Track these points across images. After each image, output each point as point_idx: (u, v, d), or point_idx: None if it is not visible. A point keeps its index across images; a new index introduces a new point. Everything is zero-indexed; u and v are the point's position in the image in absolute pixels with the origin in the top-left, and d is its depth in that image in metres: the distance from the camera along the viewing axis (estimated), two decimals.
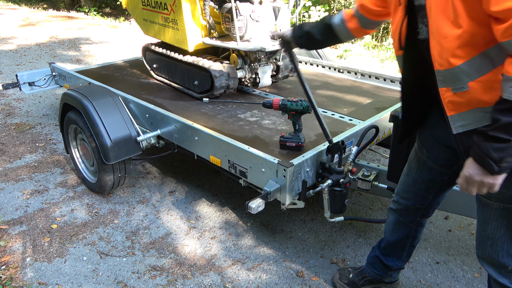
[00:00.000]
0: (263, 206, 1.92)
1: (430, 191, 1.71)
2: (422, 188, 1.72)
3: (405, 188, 1.79)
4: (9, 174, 3.30)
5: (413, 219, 1.84)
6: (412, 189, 1.76)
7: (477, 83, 1.18)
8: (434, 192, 1.71)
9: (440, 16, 1.18)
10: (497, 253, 1.42)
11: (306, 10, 8.08)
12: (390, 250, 1.98)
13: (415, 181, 1.73)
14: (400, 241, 1.92)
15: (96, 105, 2.64)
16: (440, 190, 1.72)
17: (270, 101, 2.20)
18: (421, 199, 1.76)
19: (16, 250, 2.45)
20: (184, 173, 3.33)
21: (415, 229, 1.87)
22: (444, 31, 1.18)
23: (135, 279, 2.23)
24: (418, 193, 1.74)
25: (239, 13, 2.74)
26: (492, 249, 1.43)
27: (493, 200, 1.37)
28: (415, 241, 1.92)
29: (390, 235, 1.95)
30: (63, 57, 7.17)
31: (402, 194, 1.81)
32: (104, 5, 14.27)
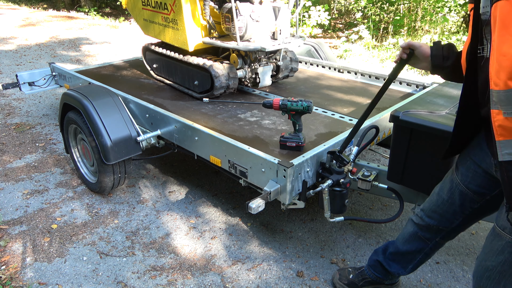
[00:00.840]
0: (263, 206, 1.92)
1: (457, 216, 1.61)
2: (450, 211, 1.61)
3: (432, 207, 1.69)
4: (9, 174, 3.30)
5: (432, 238, 1.75)
6: (439, 210, 1.66)
7: None
8: (462, 218, 1.60)
9: (503, 31, 1.09)
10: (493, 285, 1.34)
11: (306, 10, 8.08)
12: (397, 257, 1.91)
13: (444, 203, 1.63)
14: (411, 253, 1.84)
15: (96, 105, 2.64)
16: (468, 218, 1.60)
17: (270, 101, 2.20)
18: (446, 222, 1.66)
19: (16, 250, 2.45)
20: (184, 173, 3.33)
21: (431, 247, 1.78)
22: (504, 48, 1.09)
23: (135, 279, 2.23)
24: (444, 215, 1.64)
25: (239, 13, 2.74)
26: (489, 281, 1.36)
27: (507, 233, 1.27)
28: (426, 258, 1.84)
29: (402, 244, 1.87)
30: (63, 57, 7.17)
31: (428, 212, 1.71)
32: (104, 5, 14.28)
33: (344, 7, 10.91)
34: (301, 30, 7.97)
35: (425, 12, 7.70)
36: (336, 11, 10.58)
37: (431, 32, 7.46)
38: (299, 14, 6.31)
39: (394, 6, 8.69)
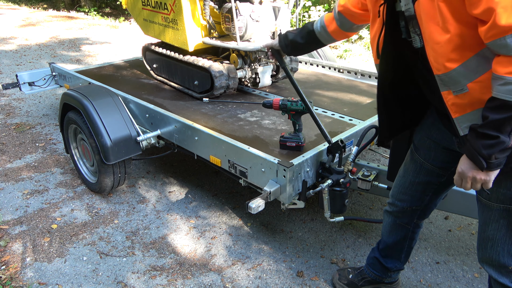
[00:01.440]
0: (263, 206, 1.92)
1: (427, 192, 1.70)
2: (419, 190, 1.71)
3: (401, 190, 1.77)
4: (9, 174, 3.30)
5: (410, 221, 1.83)
6: (408, 191, 1.74)
7: (476, 83, 1.19)
8: (431, 193, 1.71)
9: (430, 23, 1.20)
10: (498, 253, 1.42)
11: (306, 10, 8.08)
12: (388, 252, 1.97)
13: (412, 183, 1.71)
14: (398, 243, 1.92)
15: (96, 105, 2.64)
16: (437, 192, 1.71)
17: (270, 101, 2.20)
18: (418, 201, 1.75)
19: (16, 250, 2.45)
20: (184, 173, 3.33)
21: (412, 230, 1.86)
22: (435, 37, 1.20)
23: (135, 279, 2.23)
24: (414, 195, 1.73)
25: (239, 13, 2.74)
26: (493, 250, 1.44)
27: (493, 202, 1.37)
28: (412, 242, 1.92)
29: (387, 237, 1.94)
30: (63, 57, 7.17)
31: (398, 196, 1.79)
32: (104, 5, 14.28)
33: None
34: None
35: None
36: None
37: None
38: (299, 14, 6.31)
39: None
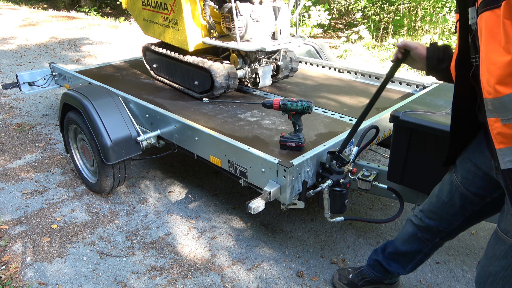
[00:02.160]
0: (263, 206, 1.92)
1: (457, 218, 1.59)
2: (450, 213, 1.60)
3: (431, 209, 1.67)
4: (9, 174, 3.30)
5: (432, 238, 1.75)
6: (438, 211, 1.64)
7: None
8: (462, 220, 1.59)
9: (490, 41, 1.09)
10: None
11: (306, 10, 8.08)
12: (396, 257, 1.91)
13: (444, 204, 1.61)
14: (410, 253, 1.84)
15: (96, 105, 2.64)
16: (469, 220, 1.59)
17: (270, 101, 2.20)
18: (446, 223, 1.65)
19: (16, 250, 2.45)
20: (184, 173, 3.33)
21: (430, 247, 1.78)
22: (493, 57, 1.08)
23: (135, 279, 2.23)
24: (444, 217, 1.63)
25: (239, 13, 2.74)
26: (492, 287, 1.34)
27: (509, 237, 1.26)
28: (425, 258, 1.84)
29: (401, 244, 1.86)
30: (63, 57, 7.17)
31: (427, 213, 1.70)
32: (104, 5, 14.28)
33: (344, 7, 10.91)
34: (301, 30, 7.97)
35: (425, 12, 7.70)
36: (336, 11, 10.59)
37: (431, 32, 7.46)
38: (299, 14, 6.32)
39: (394, 6, 8.69)
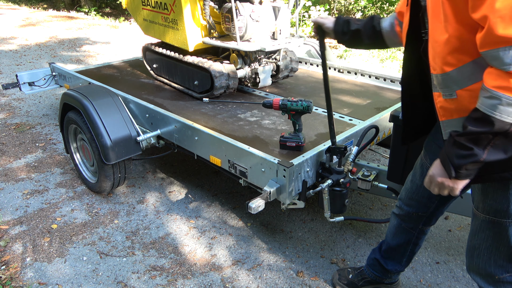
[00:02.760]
0: (263, 206, 1.92)
1: (432, 199, 1.67)
2: (425, 196, 1.68)
3: (408, 195, 1.75)
4: (9, 174, 3.30)
5: (415, 226, 1.81)
6: (415, 196, 1.72)
7: (466, 91, 1.15)
8: (437, 201, 1.67)
9: (434, 19, 1.14)
10: (484, 262, 1.42)
11: (306, 10, 8.08)
12: (390, 254, 1.96)
13: (418, 188, 1.69)
14: (401, 246, 1.90)
15: (96, 105, 2.64)
16: (443, 199, 1.67)
17: (270, 101, 2.20)
18: (424, 207, 1.72)
19: (16, 250, 2.45)
20: (184, 173, 3.33)
21: (416, 235, 1.84)
22: (436, 35, 1.14)
23: (135, 279, 2.23)
24: (421, 201, 1.71)
25: (239, 13, 2.74)
26: (479, 259, 1.43)
27: (480, 212, 1.37)
28: (415, 247, 1.89)
29: (391, 239, 1.92)
30: (63, 57, 7.17)
31: (405, 200, 1.77)
32: (104, 5, 14.28)
33: (344, 7, 10.91)
34: (301, 30, 7.97)
35: None
36: (336, 11, 10.58)
37: None
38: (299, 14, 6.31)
39: (394, 6, 8.68)
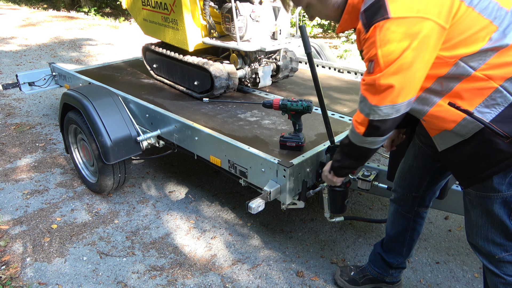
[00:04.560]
0: (263, 206, 1.92)
1: (424, 177, 1.74)
2: (417, 174, 1.76)
3: (401, 176, 1.84)
4: (9, 174, 3.30)
5: (411, 209, 1.86)
6: (407, 176, 1.80)
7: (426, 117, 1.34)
8: (428, 179, 1.75)
9: None
10: (483, 240, 1.46)
11: None
12: (391, 245, 1.98)
13: (410, 168, 1.77)
14: (400, 234, 1.93)
15: (96, 105, 2.64)
16: (434, 178, 1.75)
17: (270, 101, 2.20)
18: (416, 187, 1.79)
19: (16, 250, 2.45)
20: (184, 173, 3.33)
21: (413, 219, 1.88)
22: None
23: (135, 279, 2.23)
24: (413, 180, 1.79)
25: (239, 13, 2.74)
26: (477, 237, 1.48)
27: (472, 189, 1.41)
28: (414, 233, 1.93)
29: (390, 228, 1.97)
30: (63, 57, 7.17)
31: (399, 181, 1.86)
32: (104, 5, 14.27)
33: None
34: None
35: None
36: None
37: None
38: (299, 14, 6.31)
39: None
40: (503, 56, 1.17)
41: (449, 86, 1.23)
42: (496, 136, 1.22)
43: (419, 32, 1.12)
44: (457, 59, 1.19)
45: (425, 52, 1.15)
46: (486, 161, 1.27)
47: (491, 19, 1.16)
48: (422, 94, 1.28)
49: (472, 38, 1.17)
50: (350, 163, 1.54)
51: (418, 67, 1.17)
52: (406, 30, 1.12)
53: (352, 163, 1.53)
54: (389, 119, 1.25)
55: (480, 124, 1.22)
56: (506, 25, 1.16)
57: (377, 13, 1.13)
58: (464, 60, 1.19)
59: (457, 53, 1.18)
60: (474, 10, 1.16)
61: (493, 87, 1.19)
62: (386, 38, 1.13)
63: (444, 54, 1.19)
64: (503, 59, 1.17)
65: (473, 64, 1.18)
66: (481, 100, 1.20)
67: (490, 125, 1.21)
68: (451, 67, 1.20)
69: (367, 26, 1.17)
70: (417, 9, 1.12)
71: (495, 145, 1.23)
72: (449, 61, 1.19)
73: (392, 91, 1.18)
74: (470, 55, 1.18)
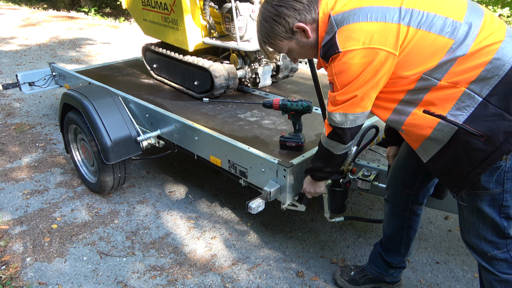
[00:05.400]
0: (263, 206, 1.92)
1: (417, 175, 1.76)
2: (409, 172, 1.78)
3: (394, 174, 1.87)
4: (9, 174, 3.30)
5: (405, 207, 1.88)
6: (400, 173, 1.83)
7: (405, 126, 1.41)
8: (421, 176, 1.77)
9: None
10: (475, 238, 1.49)
11: None
12: (389, 244, 2.00)
13: (403, 165, 1.80)
14: (397, 233, 1.95)
15: (96, 105, 2.64)
16: (426, 176, 1.77)
17: (270, 101, 2.20)
18: (409, 185, 1.82)
19: (16, 250, 2.45)
20: (184, 173, 3.33)
21: (408, 217, 1.90)
22: None
23: (135, 279, 2.23)
24: (406, 178, 1.81)
25: (239, 13, 2.74)
26: (470, 235, 1.50)
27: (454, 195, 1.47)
28: (410, 231, 1.93)
29: (387, 227, 1.98)
30: (63, 57, 7.17)
31: (391, 180, 1.89)
32: (104, 5, 14.28)
33: None
34: None
35: None
36: None
37: None
38: None
39: None
40: (463, 64, 1.25)
41: (419, 96, 1.33)
42: (471, 136, 1.28)
43: (366, 60, 1.28)
44: (420, 74, 1.30)
45: (374, 77, 1.31)
46: (468, 163, 1.32)
47: (444, 34, 1.26)
48: (397, 106, 1.40)
49: (429, 55, 1.28)
50: (319, 165, 1.67)
51: (367, 89, 1.34)
52: (355, 60, 1.29)
53: (321, 166, 1.66)
54: (346, 128, 1.44)
55: (454, 126, 1.29)
56: (461, 36, 1.25)
57: (330, 49, 1.33)
58: (427, 74, 1.29)
59: (418, 70, 1.30)
60: (424, 30, 1.27)
61: (461, 91, 1.27)
62: (339, 68, 1.33)
63: (406, 74, 1.31)
64: (464, 66, 1.25)
65: (436, 76, 1.28)
66: (452, 104, 1.29)
67: (463, 126, 1.28)
68: (416, 82, 1.31)
69: (326, 58, 1.38)
70: (363, 41, 1.27)
71: (472, 145, 1.29)
72: (413, 78, 1.31)
73: (345, 105, 1.39)
74: (431, 69, 1.28)
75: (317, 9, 1.40)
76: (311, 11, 1.40)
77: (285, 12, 1.41)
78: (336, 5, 1.36)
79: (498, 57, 1.23)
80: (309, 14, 1.41)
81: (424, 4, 1.29)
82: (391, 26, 1.27)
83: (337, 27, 1.32)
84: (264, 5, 1.48)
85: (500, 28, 1.27)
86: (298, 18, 1.41)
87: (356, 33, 1.28)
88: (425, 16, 1.27)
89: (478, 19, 1.28)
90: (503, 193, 1.36)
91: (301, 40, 1.47)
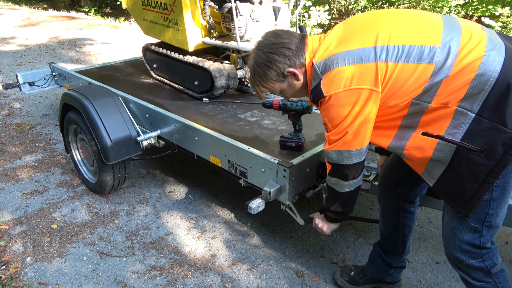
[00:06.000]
0: (263, 206, 1.92)
1: (409, 175, 1.75)
2: (402, 172, 1.78)
3: (386, 173, 1.89)
4: (9, 174, 3.30)
5: (398, 206, 1.89)
6: (393, 172, 1.86)
7: (406, 151, 1.44)
8: (413, 176, 1.74)
9: None
10: (451, 246, 1.52)
11: (306, 10, 8.08)
12: (386, 245, 2.00)
13: (396, 164, 1.82)
14: (392, 232, 1.96)
15: (96, 105, 2.64)
16: (416, 180, 1.78)
17: (270, 101, 2.20)
18: (401, 184, 1.84)
19: (16, 250, 2.45)
20: (184, 173, 3.33)
21: (402, 215, 1.91)
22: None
23: (135, 279, 2.23)
24: (398, 177, 1.84)
25: (239, 13, 2.74)
26: (447, 241, 1.53)
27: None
28: (405, 229, 1.94)
29: (383, 228, 2.00)
30: (63, 57, 7.17)
31: (383, 179, 1.92)
32: (104, 5, 14.28)
33: (344, 7, 10.91)
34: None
35: None
36: (336, 11, 10.58)
37: None
38: (299, 14, 6.31)
39: (394, 6, 8.69)
40: (449, 85, 1.29)
41: (416, 119, 1.39)
42: (471, 153, 1.30)
43: (351, 100, 1.37)
44: (410, 100, 1.35)
45: (360, 114, 1.38)
46: (472, 179, 1.33)
47: (423, 62, 1.30)
48: (397, 132, 1.45)
49: (413, 82, 1.33)
50: (327, 205, 1.70)
51: (356, 126, 1.41)
52: (340, 101, 1.38)
53: (329, 205, 1.69)
54: (344, 165, 1.50)
55: (453, 144, 1.32)
56: (442, 60, 1.29)
57: (317, 94, 1.43)
58: (416, 99, 1.34)
59: (405, 98, 1.36)
60: (403, 62, 1.32)
61: (453, 110, 1.30)
62: (326, 110, 1.44)
63: (395, 103, 1.38)
64: (450, 87, 1.29)
65: (425, 99, 1.33)
66: (448, 123, 1.32)
67: (461, 143, 1.30)
68: (408, 107, 1.37)
69: (315, 102, 1.48)
70: (343, 84, 1.35)
71: (474, 160, 1.30)
72: (404, 104, 1.37)
73: (338, 143, 1.46)
74: (419, 95, 1.33)
75: (304, 54, 1.50)
76: (299, 56, 1.50)
77: (276, 58, 1.48)
78: (318, 51, 1.46)
79: (481, 73, 1.25)
80: (298, 59, 1.50)
81: (399, 38, 1.34)
82: (369, 66, 1.33)
83: (322, 74, 1.41)
84: (256, 51, 1.53)
85: (480, 42, 1.29)
86: (288, 63, 1.49)
87: (337, 78, 1.37)
88: (401, 49, 1.32)
89: (456, 39, 1.31)
90: (490, 200, 1.38)
91: (292, 83, 1.55)
